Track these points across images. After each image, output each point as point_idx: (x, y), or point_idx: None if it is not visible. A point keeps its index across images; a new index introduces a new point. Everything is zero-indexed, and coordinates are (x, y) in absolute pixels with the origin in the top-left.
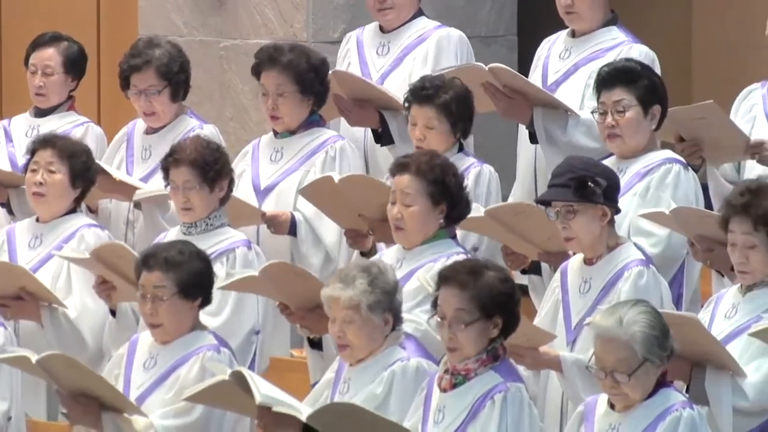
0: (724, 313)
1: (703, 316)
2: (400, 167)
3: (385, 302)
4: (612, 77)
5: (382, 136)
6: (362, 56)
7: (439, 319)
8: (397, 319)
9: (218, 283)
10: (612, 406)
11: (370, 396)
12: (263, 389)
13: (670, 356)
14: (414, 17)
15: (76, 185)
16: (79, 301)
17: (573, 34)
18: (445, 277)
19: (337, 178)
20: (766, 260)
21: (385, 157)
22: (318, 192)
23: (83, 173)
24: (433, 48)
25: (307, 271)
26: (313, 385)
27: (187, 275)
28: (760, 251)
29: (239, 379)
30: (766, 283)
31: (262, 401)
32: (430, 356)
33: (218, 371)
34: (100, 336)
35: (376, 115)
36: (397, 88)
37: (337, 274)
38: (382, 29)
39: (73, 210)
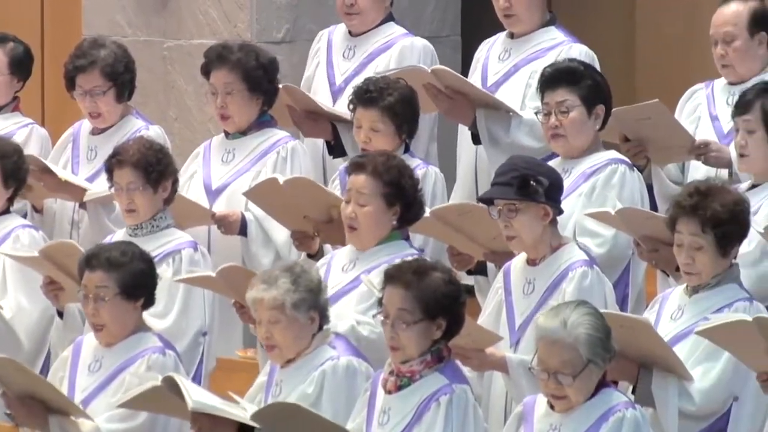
0: (669, 314)
1: (648, 317)
2: (356, 167)
3: (310, 300)
4: (555, 78)
5: (335, 148)
6: (329, 58)
7: (382, 318)
8: (324, 318)
9: (175, 276)
10: (552, 406)
11: (302, 396)
12: (195, 395)
13: (611, 358)
14: (383, 22)
15: (8, 185)
16: (14, 301)
17: (512, 36)
18: (390, 276)
19: (281, 180)
20: (712, 262)
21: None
22: (263, 194)
23: (15, 173)
24: (395, 57)
25: (253, 273)
26: None
27: (129, 276)
28: (706, 253)
29: (171, 385)
30: (712, 285)
31: (194, 407)
32: (361, 354)
33: (150, 378)
34: (36, 336)
35: (328, 126)
36: None
37: (260, 276)
38: (350, 32)
39: (6, 210)
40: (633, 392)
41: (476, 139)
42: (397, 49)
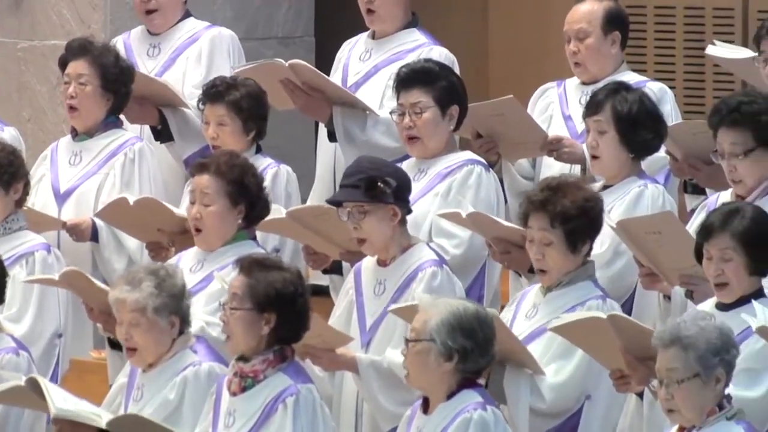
0: (525, 312)
1: (506, 315)
2: (199, 167)
3: (172, 305)
4: (410, 78)
5: (161, 133)
6: (131, 60)
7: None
8: (185, 323)
9: (26, 277)
10: (425, 409)
11: (163, 402)
12: (58, 401)
13: (464, 356)
14: (182, 19)
15: None
16: None
17: (373, 36)
18: (238, 262)
19: (131, 200)
20: (561, 258)
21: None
22: (114, 213)
23: None
24: (206, 47)
25: (92, 280)
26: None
27: None
28: (555, 248)
29: (34, 386)
30: (565, 283)
31: (57, 414)
32: (222, 359)
33: (12, 378)
34: None
35: (155, 111)
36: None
37: (124, 277)
38: (150, 32)
39: None
40: (486, 387)
41: (332, 137)
42: (206, 40)
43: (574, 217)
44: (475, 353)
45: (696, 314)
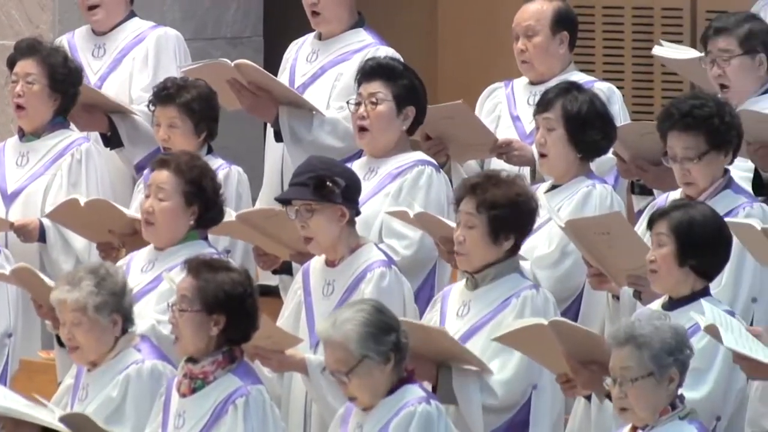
0: (455, 311)
1: (432, 316)
2: (160, 163)
3: (113, 303)
4: (374, 71)
5: (111, 140)
6: (77, 60)
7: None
8: (128, 321)
9: None
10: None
11: (106, 400)
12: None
13: (399, 351)
14: (127, 19)
15: None
16: None
17: (320, 37)
18: (186, 263)
19: (82, 201)
20: (481, 245)
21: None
22: (64, 214)
23: None
24: (152, 47)
25: (41, 277)
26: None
27: None
28: (476, 233)
29: None
30: (492, 278)
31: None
32: (166, 357)
33: None
34: None
35: (104, 119)
36: (118, 89)
37: (64, 276)
38: (95, 32)
39: None
40: (434, 392)
41: (279, 137)
42: (152, 40)
43: (500, 206)
44: (401, 342)
45: (651, 314)
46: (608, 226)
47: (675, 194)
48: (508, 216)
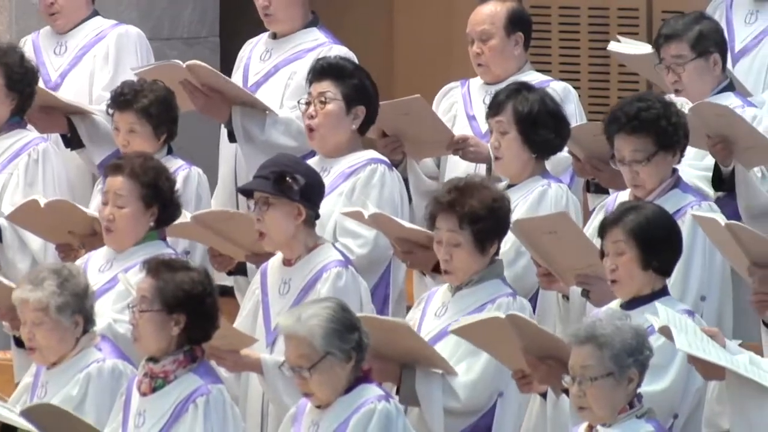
0: (434, 311)
1: (414, 315)
2: (113, 169)
3: (75, 304)
4: (324, 70)
5: (72, 141)
6: (39, 58)
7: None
8: (90, 322)
9: None
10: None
11: (66, 398)
12: None
13: (358, 350)
14: (89, 17)
15: None
16: None
17: (274, 36)
18: (146, 266)
19: (42, 202)
20: (470, 258)
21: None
22: (25, 215)
23: None
24: (113, 45)
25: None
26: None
27: None
28: (464, 249)
29: None
30: (475, 282)
31: None
32: (127, 357)
33: None
34: None
35: (63, 120)
36: (79, 86)
37: (26, 276)
38: (57, 31)
39: None
40: (397, 393)
41: (232, 137)
42: (113, 38)
43: (482, 217)
44: (363, 342)
45: (612, 313)
46: (555, 226)
47: (624, 195)
48: (491, 225)
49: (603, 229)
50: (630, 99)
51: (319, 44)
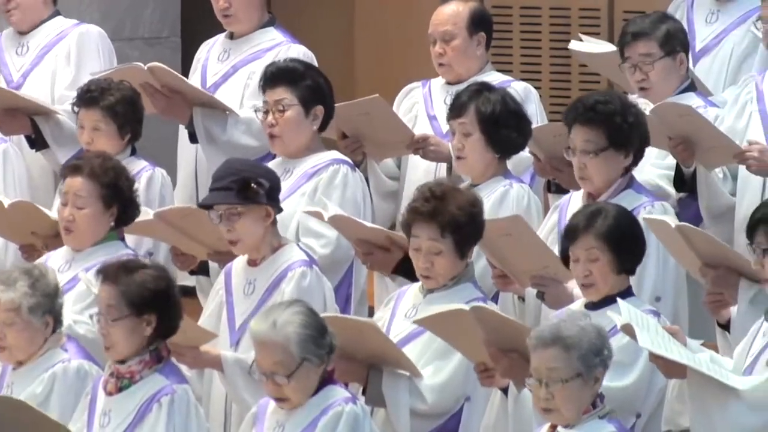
0: (404, 312)
1: (383, 315)
2: (72, 169)
3: (46, 305)
4: (275, 76)
5: (36, 142)
6: (1, 59)
7: (97, 316)
8: (58, 322)
9: None
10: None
11: (30, 396)
12: None
13: (329, 353)
14: (50, 17)
15: None
16: None
17: (231, 36)
18: (100, 273)
19: (6, 203)
20: (450, 265)
21: None
22: None
23: None
24: (75, 44)
25: None
26: None
27: None
28: (445, 257)
29: None
30: (446, 286)
31: None
32: (92, 358)
33: None
34: None
35: (27, 121)
36: (41, 85)
37: None
38: (19, 31)
39: None
40: (363, 393)
41: (193, 138)
42: (74, 37)
43: (464, 224)
44: (333, 344)
45: (573, 314)
46: (509, 229)
47: (578, 194)
48: (470, 231)
49: (571, 236)
50: (593, 93)
51: (276, 44)
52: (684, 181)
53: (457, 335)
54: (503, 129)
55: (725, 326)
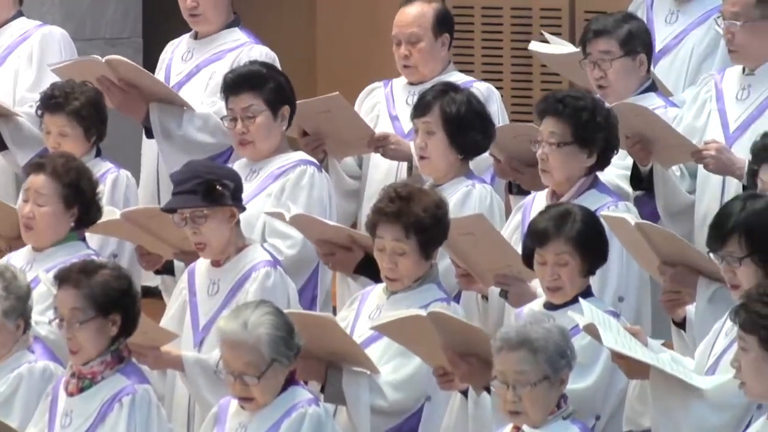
0: (368, 313)
1: (348, 315)
2: (35, 167)
3: (19, 308)
4: (238, 83)
5: None
6: None
7: (58, 321)
8: (28, 324)
9: None
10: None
11: None
12: None
13: (297, 354)
14: (13, 18)
15: None
16: None
17: (196, 36)
18: (58, 278)
19: None
20: (414, 266)
21: None
22: None
23: None
24: (37, 45)
25: None
26: None
27: None
28: (409, 258)
29: None
30: (410, 287)
31: None
32: (58, 359)
33: None
34: None
35: None
36: (3, 86)
37: None
38: None
39: None
40: (322, 391)
41: (149, 133)
42: (37, 38)
43: (428, 226)
44: (300, 345)
45: (537, 316)
46: (472, 228)
47: (541, 195)
48: (435, 232)
49: (540, 240)
50: (570, 89)
51: (240, 44)
52: (641, 180)
53: (415, 340)
54: (468, 130)
55: (680, 324)
